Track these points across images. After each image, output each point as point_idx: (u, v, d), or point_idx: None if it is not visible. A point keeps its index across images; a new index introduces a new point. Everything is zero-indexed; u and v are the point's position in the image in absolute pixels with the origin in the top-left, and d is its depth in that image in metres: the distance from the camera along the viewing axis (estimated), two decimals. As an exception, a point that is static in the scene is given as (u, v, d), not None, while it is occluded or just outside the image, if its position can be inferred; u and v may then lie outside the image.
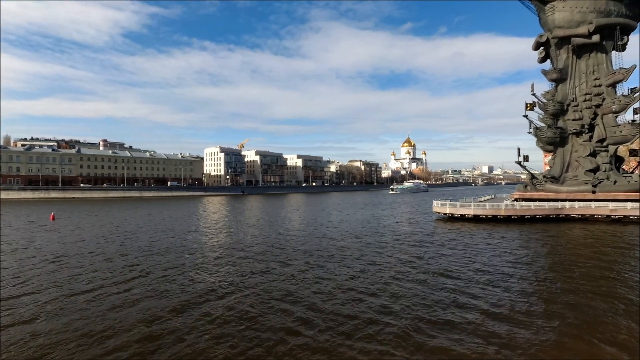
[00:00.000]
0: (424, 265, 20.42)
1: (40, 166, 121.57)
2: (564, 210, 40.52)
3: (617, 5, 46.82)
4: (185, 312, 13.38)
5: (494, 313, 12.93)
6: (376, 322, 12.26)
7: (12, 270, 19.60)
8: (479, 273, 18.52)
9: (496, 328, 11.66)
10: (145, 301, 14.56)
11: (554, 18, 49.41)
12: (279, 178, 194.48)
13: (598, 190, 45.22)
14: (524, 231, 33.27)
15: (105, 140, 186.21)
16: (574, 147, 49.88)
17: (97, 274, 18.78)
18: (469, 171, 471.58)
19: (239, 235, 32.77)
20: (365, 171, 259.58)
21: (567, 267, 19.83)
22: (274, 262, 21.60)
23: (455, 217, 42.57)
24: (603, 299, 14.37)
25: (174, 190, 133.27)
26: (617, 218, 38.27)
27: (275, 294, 15.41)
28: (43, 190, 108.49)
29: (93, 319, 12.71)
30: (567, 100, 50.16)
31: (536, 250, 24.87)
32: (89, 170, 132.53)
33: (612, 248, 24.92)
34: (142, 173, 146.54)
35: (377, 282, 17.16)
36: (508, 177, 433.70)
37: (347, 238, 30.88)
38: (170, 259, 22.41)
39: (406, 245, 27.21)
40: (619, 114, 46.98)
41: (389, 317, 12.70)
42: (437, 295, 14.96)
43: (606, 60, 48.52)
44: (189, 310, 13.56)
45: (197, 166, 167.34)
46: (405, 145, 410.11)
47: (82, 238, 31.07)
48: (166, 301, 14.54)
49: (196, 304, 14.18)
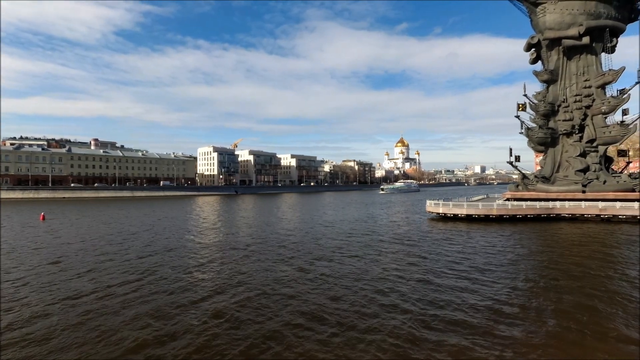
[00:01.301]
0: (420, 264, 20.52)
1: (29, 165, 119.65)
2: (554, 210, 41.04)
3: (607, 8, 47.52)
4: (197, 309, 13.47)
5: (498, 311, 13.06)
6: (382, 317, 12.31)
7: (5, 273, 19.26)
8: (475, 271, 18.66)
9: (500, 327, 11.77)
10: (151, 303, 14.42)
11: (545, 20, 49.98)
12: (272, 178, 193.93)
13: (588, 190, 45.87)
14: (516, 230, 33.62)
15: (96, 140, 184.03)
16: (565, 147, 50.55)
17: (95, 275, 18.54)
18: (461, 171, 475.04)
19: (237, 235, 32.60)
20: (359, 171, 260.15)
21: (560, 264, 20.08)
22: (276, 262, 21.55)
23: (448, 216, 42.86)
24: (596, 295, 14.60)
25: (166, 190, 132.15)
26: (607, 217, 38.88)
27: (284, 291, 15.45)
28: (33, 190, 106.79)
29: (104, 320, 12.55)
30: (558, 101, 50.79)
31: (529, 248, 25.14)
32: (79, 170, 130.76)
33: (602, 246, 25.30)
34: (134, 173, 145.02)
35: (372, 280, 17.20)
36: (500, 177, 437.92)
37: (342, 237, 30.89)
38: (170, 259, 22.21)
39: (400, 244, 27.32)
40: (609, 114, 47.70)
41: (395, 314, 12.75)
42: (432, 293, 15.05)
43: (596, 61, 49.22)
44: (200, 307, 13.63)
45: (190, 166, 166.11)
46: (398, 145, 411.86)
47: (74, 239, 30.65)
48: (174, 298, 14.44)
49: (207, 302, 14.33)
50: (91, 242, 28.90)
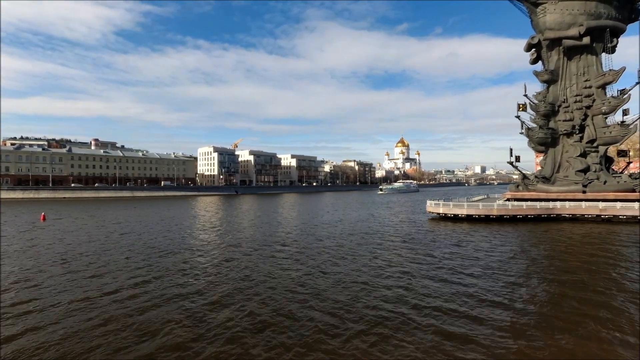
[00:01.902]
0: (425, 262, 20.55)
1: (30, 165, 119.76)
2: (555, 210, 41.05)
3: (607, 8, 47.54)
4: (221, 310, 13.64)
5: (504, 310, 13.10)
6: (394, 318, 12.36)
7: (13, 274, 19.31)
8: (479, 270, 18.70)
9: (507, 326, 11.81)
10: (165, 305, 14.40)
11: (545, 20, 50.00)
12: (272, 178, 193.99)
13: (588, 190, 45.89)
14: (517, 231, 33.64)
15: (96, 140, 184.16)
16: (565, 147, 50.56)
17: (104, 280, 18.58)
18: (462, 171, 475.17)
19: (243, 235, 32.61)
20: (359, 171, 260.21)
21: (562, 264, 20.10)
22: (286, 261, 21.63)
23: (449, 216, 42.87)
24: (598, 295, 14.62)
25: (166, 190, 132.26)
26: (607, 218, 38.88)
27: (301, 290, 15.77)
28: (33, 190, 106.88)
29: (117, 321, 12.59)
30: (558, 102, 50.81)
31: (530, 248, 25.16)
32: (80, 170, 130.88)
33: (603, 246, 25.31)
34: (135, 173, 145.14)
35: (376, 277, 17.25)
36: (500, 177, 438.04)
37: (344, 237, 30.93)
38: (178, 260, 22.25)
39: (402, 243, 27.34)
40: (609, 115, 47.71)
41: (407, 311, 12.80)
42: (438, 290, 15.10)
43: (596, 62, 49.23)
44: (226, 307, 13.88)
45: (190, 166, 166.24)
46: (399, 145, 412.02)
47: (76, 240, 30.70)
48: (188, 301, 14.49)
49: (230, 302, 14.50)
50: (105, 239, 28.97)
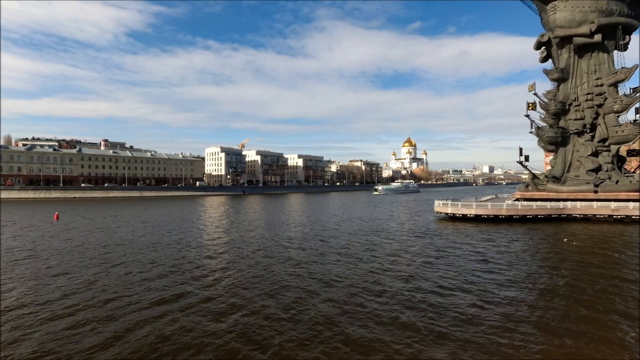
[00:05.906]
0: (435, 264, 20.48)
1: (41, 166, 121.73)
2: (565, 210, 40.53)
3: (619, 5, 46.77)
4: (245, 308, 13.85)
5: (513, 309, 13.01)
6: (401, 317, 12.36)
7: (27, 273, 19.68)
8: (488, 271, 18.57)
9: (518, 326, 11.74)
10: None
11: (555, 18, 49.40)
12: (279, 178, 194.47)
13: (600, 190, 45.20)
14: (527, 231, 33.27)
15: (106, 140, 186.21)
16: (576, 146, 49.88)
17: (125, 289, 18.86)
18: (469, 171, 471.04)
19: (259, 237, 32.82)
20: (365, 171, 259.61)
21: (575, 265, 19.87)
22: (304, 262, 21.75)
23: (457, 217, 42.56)
24: (611, 296, 14.43)
25: (174, 190, 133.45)
26: (619, 218, 38.27)
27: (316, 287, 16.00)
28: (44, 190, 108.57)
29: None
30: (569, 100, 50.13)
31: (542, 249, 24.91)
32: (89, 170, 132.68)
33: (616, 247, 24.94)
34: (143, 173, 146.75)
35: (385, 276, 17.24)
36: (509, 177, 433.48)
37: (352, 237, 30.95)
38: (202, 260, 22.52)
39: (414, 244, 27.27)
40: (621, 113, 46.96)
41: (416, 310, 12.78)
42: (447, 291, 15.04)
43: (608, 59, 48.47)
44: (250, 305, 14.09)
45: (197, 166, 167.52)
46: (406, 145, 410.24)
47: (94, 240, 31.16)
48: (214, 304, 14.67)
49: (252, 302, 14.58)
50: (120, 239, 29.39)
